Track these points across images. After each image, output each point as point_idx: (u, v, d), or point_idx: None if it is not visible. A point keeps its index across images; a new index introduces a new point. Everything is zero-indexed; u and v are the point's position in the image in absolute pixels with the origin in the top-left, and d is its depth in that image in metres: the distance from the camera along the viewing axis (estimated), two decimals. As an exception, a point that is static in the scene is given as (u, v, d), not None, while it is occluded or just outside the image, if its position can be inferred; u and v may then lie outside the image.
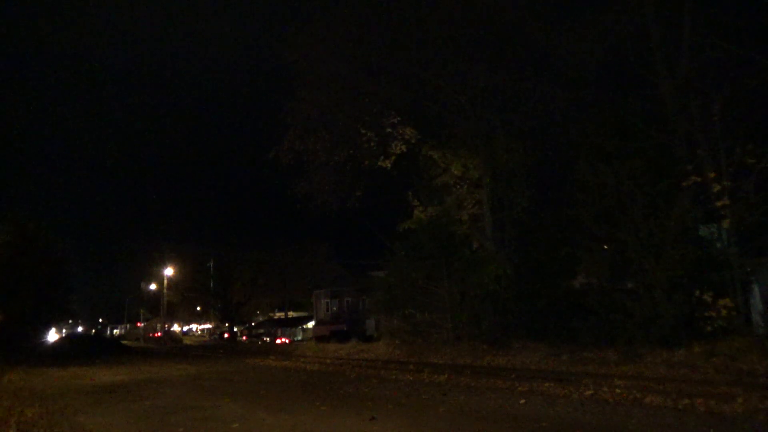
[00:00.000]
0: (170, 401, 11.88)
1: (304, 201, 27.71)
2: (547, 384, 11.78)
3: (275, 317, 75.14)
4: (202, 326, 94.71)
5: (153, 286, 72.53)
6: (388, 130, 26.00)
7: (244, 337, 69.20)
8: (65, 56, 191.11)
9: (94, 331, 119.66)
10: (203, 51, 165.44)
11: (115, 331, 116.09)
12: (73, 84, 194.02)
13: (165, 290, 62.38)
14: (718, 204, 16.03)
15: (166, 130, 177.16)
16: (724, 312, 15.00)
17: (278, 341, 56.73)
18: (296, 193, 27.55)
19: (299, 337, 61.42)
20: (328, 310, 59.94)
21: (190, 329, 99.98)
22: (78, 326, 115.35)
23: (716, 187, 16.06)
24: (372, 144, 26.28)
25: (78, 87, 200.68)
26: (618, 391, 10.29)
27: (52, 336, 77.19)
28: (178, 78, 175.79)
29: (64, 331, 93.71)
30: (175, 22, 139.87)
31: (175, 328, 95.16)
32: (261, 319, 78.12)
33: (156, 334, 79.62)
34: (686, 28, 18.93)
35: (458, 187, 27.58)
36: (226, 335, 70.72)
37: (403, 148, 26.46)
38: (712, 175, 16.26)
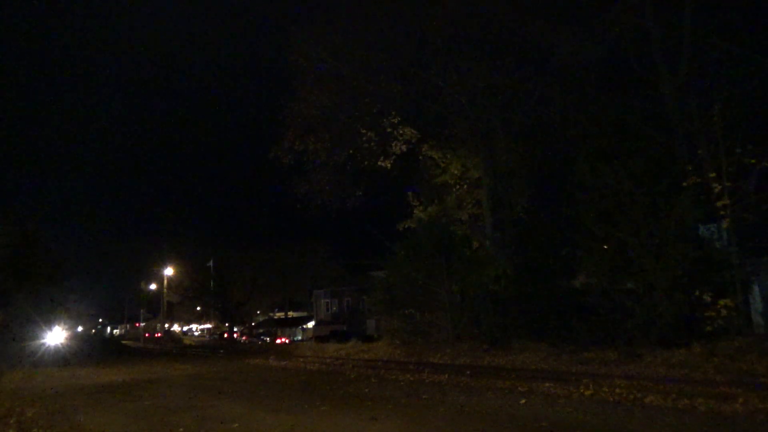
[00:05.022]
0: (170, 401, 11.87)
1: (304, 201, 27.75)
2: (547, 384, 11.77)
3: (275, 317, 75.11)
4: (202, 326, 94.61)
5: (153, 286, 72.45)
6: (388, 130, 26.00)
7: (244, 337, 69.16)
8: (65, 57, 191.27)
9: (93, 331, 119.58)
10: (203, 51, 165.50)
11: (115, 331, 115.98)
12: (73, 84, 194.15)
13: (165, 290, 62.37)
14: (718, 204, 16.05)
15: (165, 130, 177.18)
16: (724, 312, 15.02)
17: (278, 341, 56.76)
18: (296, 193, 27.61)
19: (299, 337, 61.45)
20: (328, 310, 59.93)
21: (190, 329, 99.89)
22: (78, 326, 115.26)
23: (716, 187, 16.09)
24: (372, 144, 26.30)
25: (78, 87, 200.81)
26: (618, 391, 10.29)
27: (54, 336, 77.09)
28: (178, 78, 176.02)
29: (64, 331, 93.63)
30: (174, 21, 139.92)
31: (175, 328, 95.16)
32: (261, 319, 78.08)
33: (156, 334, 79.63)
34: (686, 28, 18.95)
35: (458, 187, 27.57)
36: (225, 335, 70.69)
37: (403, 148, 26.48)
38: (712, 175, 16.28)
